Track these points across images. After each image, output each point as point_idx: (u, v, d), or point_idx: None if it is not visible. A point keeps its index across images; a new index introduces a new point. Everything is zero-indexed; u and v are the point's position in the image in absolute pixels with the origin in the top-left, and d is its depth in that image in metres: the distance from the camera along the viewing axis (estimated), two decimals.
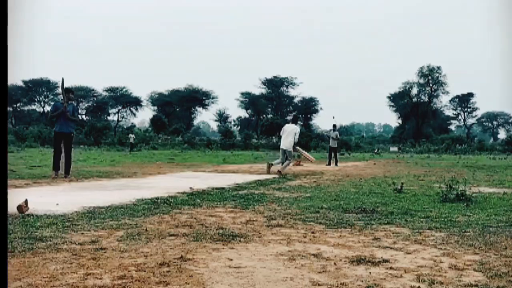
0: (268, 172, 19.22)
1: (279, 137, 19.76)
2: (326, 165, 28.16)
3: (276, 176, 17.87)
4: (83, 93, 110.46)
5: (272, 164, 19.73)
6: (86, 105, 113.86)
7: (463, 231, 7.42)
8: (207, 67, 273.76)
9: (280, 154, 19.64)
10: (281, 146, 19.43)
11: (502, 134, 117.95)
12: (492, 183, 16.65)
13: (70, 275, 4.69)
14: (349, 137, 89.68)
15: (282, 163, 19.23)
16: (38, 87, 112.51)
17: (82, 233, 6.66)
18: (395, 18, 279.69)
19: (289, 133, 19.13)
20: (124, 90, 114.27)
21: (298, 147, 19.60)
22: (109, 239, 6.35)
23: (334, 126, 30.24)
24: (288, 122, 20.60)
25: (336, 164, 28.29)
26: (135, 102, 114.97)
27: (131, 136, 53.47)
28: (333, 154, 29.14)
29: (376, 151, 64.79)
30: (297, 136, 19.13)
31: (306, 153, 21.70)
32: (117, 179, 15.63)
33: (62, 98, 16.11)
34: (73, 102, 16.32)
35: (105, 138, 75.75)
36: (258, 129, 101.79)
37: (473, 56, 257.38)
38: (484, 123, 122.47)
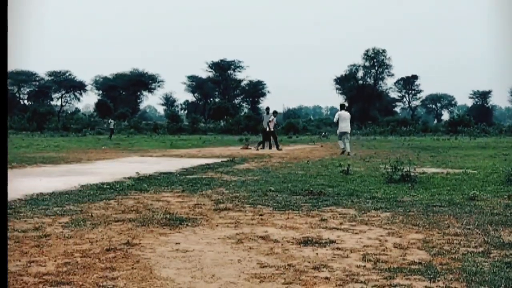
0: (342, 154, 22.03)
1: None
2: (269, 148, 27.87)
3: (225, 160, 17.89)
4: (24, 77, 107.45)
5: (344, 150, 22.28)
6: (27, 89, 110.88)
7: (407, 211, 7.57)
8: (153, 51, 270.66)
9: (340, 138, 22.85)
10: (343, 130, 22.60)
11: (445, 116, 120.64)
12: (436, 163, 17.05)
13: (13, 263, 4.57)
14: (297, 120, 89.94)
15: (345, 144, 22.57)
16: None
17: (25, 221, 6.51)
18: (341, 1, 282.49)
19: (346, 118, 22.89)
20: (67, 74, 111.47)
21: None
22: (53, 225, 6.22)
23: (267, 109, 29.95)
24: (341, 109, 23.72)
25: (269, 147, 27.80)
26: (79, 87, 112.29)
27: (111, 121, 51.71)
28: (271, 137, 28.80)
29: (323, 134, 65.34)
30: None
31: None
32: (62, 165, 15.33)
33: None
34: None
35: (49, 124, 74.01)
36: (206, 113, 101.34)
37: (419, 38, 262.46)
38: (428, 105, 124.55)
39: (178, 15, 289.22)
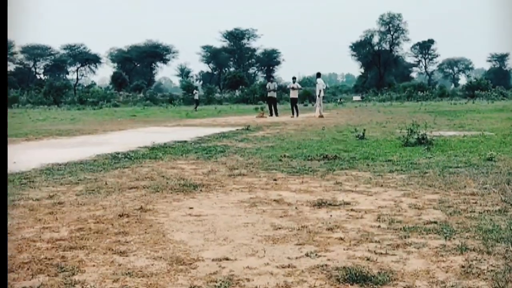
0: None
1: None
2: (291, 117, 27.94)
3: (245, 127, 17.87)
4: (40, 51, 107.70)
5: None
6: (43, 64, 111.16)
7: (423, 172, 7.49)
8: (166, 21, 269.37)
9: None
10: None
11: (462, 80, 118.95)
12: (453, 127, 16.87)
13: (26, 229, 4.58)
14: (312, 88, 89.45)
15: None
16: None
17: (40, 189, 6.52)
18: None
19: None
20: (82, 47, 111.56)
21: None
22: (67, 194, 6.23)
23: (294, 78, 30.13)
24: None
25: (297, 115, 28.07)
26: (94, 60, 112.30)
27: (196, 92, 50.93)
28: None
29: (339, 101, 65.03)
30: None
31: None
32: (77, 137, 15.37)
33: None
34: None
35: (65, 97, 74.27)
36: (221, 83, 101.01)
37: (434, 2, 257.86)
38: (445, 70, 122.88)
39: None
